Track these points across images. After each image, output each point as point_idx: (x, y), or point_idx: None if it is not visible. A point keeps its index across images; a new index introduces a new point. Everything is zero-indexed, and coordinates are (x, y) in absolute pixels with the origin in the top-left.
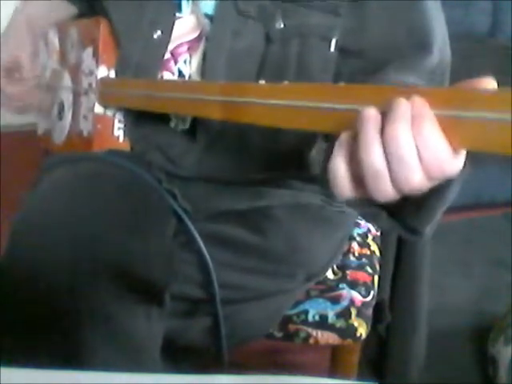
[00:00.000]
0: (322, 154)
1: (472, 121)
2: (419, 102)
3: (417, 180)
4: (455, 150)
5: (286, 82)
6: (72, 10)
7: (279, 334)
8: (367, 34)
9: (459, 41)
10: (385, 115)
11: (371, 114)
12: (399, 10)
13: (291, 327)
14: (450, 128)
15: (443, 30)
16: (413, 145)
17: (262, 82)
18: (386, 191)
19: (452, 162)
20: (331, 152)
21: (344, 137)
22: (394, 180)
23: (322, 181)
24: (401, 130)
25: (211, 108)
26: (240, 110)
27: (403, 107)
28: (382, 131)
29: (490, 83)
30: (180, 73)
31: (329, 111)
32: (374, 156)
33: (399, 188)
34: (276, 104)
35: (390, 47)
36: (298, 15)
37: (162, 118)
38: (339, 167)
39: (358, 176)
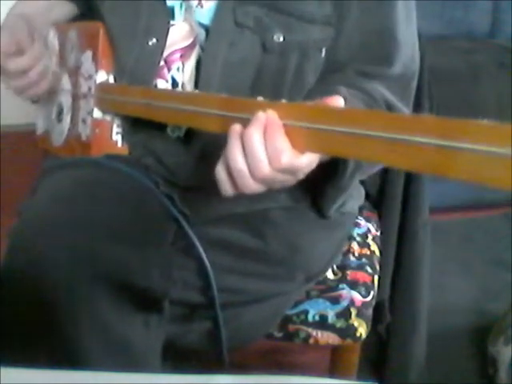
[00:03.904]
0: None
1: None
2: (271, 113)
3: (266, 170)
4: (300, 152)
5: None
6: (71, 9)
7: (279, 334)
8: (342, 36)
9: (459, 41)
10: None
11: (236, 129)
12: (369, 20)
13: (291, 327)
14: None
15: (411, 42)
16: (262, 143)
17: (260, 98)
18: (249, 185)
19: (292, 158)
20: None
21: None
22: (252, 173)
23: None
24: (254, 132)
25: (209, 121)
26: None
27: (259, 117)
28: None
29: (338, 102)
30: (174, 80)
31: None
32: (236, 158)
33: (257, 179)
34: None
35: (354, 51)
36: (299, 30)
37: (159, 125)
38: (221, 172)
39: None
